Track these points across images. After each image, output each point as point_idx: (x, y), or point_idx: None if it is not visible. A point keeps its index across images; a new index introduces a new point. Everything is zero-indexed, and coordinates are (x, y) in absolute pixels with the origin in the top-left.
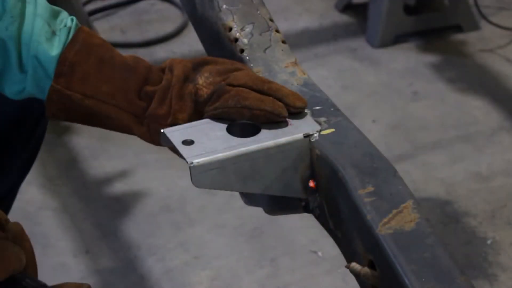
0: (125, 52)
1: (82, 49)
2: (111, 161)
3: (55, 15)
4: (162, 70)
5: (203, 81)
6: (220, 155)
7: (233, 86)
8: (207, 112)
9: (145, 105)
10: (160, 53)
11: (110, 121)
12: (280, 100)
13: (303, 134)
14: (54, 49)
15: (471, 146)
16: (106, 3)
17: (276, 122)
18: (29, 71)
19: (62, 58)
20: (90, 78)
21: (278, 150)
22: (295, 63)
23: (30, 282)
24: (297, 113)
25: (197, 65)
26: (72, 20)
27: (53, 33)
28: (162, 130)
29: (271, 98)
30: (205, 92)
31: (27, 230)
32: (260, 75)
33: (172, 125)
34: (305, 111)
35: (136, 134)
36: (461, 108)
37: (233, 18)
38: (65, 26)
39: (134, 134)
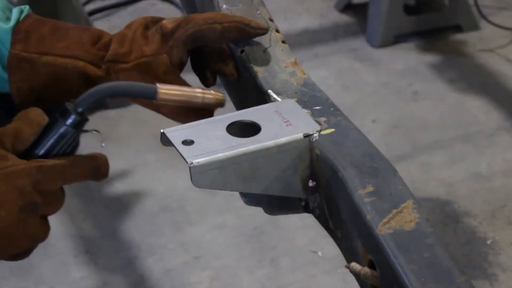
0: None
1: (36, 22)
2: (111, 161)
3: (11, 8)
4: None
5: (166, 20)
6: (220, 155)
7: None
8: (177, 37)
9: (103, 53)
10: None
11: (69, 75)
12: (245, 29)
13: (303, 134)
14: (9, 24)
15: (471, 146)
16: (106, 3)
17: (249, 37)
18: None
19: (16, 28)
20: (45, 40)
21: (278, 150)
22: (295, 63)
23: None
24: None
25: (154, 17)
26: (25, 7)
27: (7, 18)
28: (162, 130)
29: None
30: (170, 25)
31: None
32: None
33: (137, 59)
34: (305, 111)
35: (95, 81)
36: (461, 108)
37: None
38: (20, 9)
39: (92, 82)
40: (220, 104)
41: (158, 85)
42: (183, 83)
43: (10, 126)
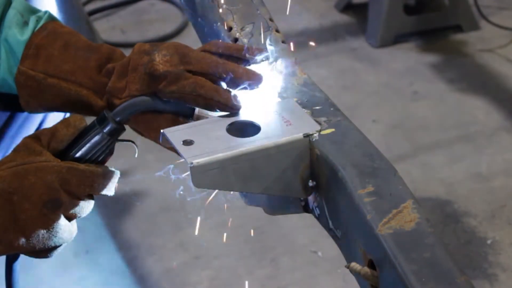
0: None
1: (50, 35)
2: (111, 161)
3: (32, 10)
4: None
5: (160, 58)
6: (220, 155)
7: (191, 72)
8: (163, 92)
9: (106, 81)
10: None
11: (73, 101)
12: (236, 79)
13: (303, 134)
14: (24, 35)
15: (471, 146)
16: (106, 3)
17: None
18: (1, 55)
19: (29, 42)
20: (53, 59)
21: (278, 150)
22: (295, 63)
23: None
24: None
25: (156, 45)
26: (45, 12)
27: (25, 23)
28: (162, 131)
29: (226, 90)
30: (161, 68)
31: None
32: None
33: (129, 97)
34: (305, 111)
35: (96, 110)
36: (461, 108)
37: (233, 18)
38: (38, 17)
39: (94, 110)
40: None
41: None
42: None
43: (51, 127)
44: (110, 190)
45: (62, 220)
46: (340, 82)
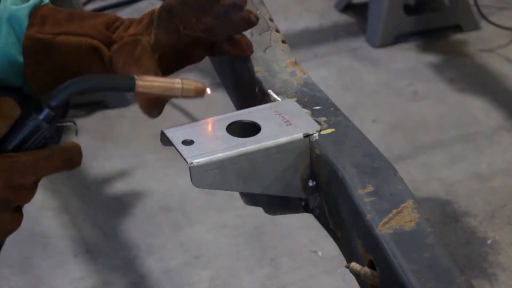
0: None
1: (53, 8)
2: (111, 161)
3: None
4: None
5: (165, 3)
6: (220, 155)
7: None
8: (152, 13)
9: (114, 36)
10: None
11: (83, 57)
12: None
13: (303, 134)
14: (27, 9)
15: (471, 146)
16: (106, 3)
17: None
18: (2, 30)
19: (33, 13)
20: (60, 23)
21: (278, 150)
22: (295, 63)
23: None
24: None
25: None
26: None
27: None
28: (162, 130)
29: None
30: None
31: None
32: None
33: (121, 40)
34: (305, 111)
35: (106, 61)
36: (461, 108)
37: None
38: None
39: (104, 62)
40: (201, 94)
41: (136, 76)
42: (155, 68)
43: None
44: (70, 164)
45: (11, 214)
46: (340, 82)
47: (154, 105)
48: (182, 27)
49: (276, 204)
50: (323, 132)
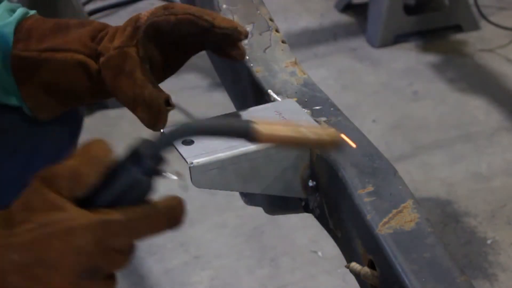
0: None
1: (39, 20)
2: None
3: (14, 10)
4: None
5: (146, 11)
6: (220, 155)
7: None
8: (140, 29)
9: (99, 47)
10: None
11: (70, 68)
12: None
13: None
14: (12, 25)
15: (471, 146)
16: (106, 3)
17: (205, 31)
18: None
19: (19, 27)
20: (46, 38)
21: (278, 150)
22: (295, 63)
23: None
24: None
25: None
26: (31, 11)
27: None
28: (162, 130)
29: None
30: (144, 16)
31: None
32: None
33: (113, 52)
34: (305, 111)
35: (94, 75)
36: (461, 108)
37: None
38: (25, 10)
39: (92, 76)
40: (336, 144)
41: (255, 124)
42: (150, 79)
43: (68, 164)
44: (173, 224)
45: (102, 283)
46: (340, 82)
47: (158, 116)
48: (170, 42)
49: (276, 204)
50: None
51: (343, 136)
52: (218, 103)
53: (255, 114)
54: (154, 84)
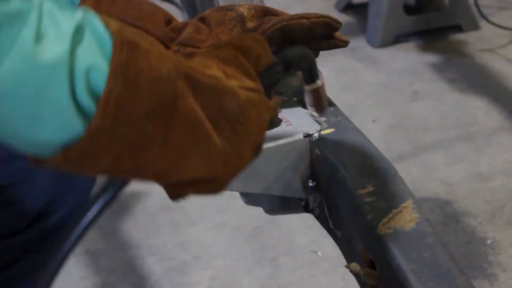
0: None
1: None
2: None
3: None
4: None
5: (247, 12)
6: None
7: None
8: (263, 32)
9: (174, 36)
10: None
11: None
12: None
13: (303, 134)
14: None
15: (471, 146)
16: None
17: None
18: None
19: None
20: (117, 3)
21: (278, 150)
22: None
23: None
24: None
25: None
26: None
27: None
28: None
29: None
30: (251, 23)
31: None
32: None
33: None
34: (305, 111)
35: None
36: (461, 108)
37: None
38: None
39: None
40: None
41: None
42: None
43: (252, 46)
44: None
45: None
46: (340, 82)
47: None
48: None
49: (276, 204)
50: (323, 132)
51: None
52: None
53: None
54: None
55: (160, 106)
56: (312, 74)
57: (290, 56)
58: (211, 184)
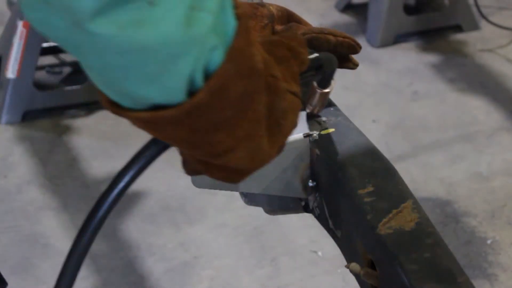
0: None
1: None
2: (111, 161)
3: None
4: None
5: (275, 12)
6: None
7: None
8: (291, 33)
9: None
10: None
11: None
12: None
13: (303, 134)
14: None
15: (471, 146)
16: None
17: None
18: None
19: None
20: None
21: None
22: None
23: None
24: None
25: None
26: None
27: None
28: None
29: None
30: (278, 27)
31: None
32: None
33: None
34: (304, 112)
35: None
36: (461, 108)
37: None
38: None
39: None
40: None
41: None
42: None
43: (300, 50)
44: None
45: None
46: (340, 82)
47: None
48: None
49: (276, 204)
50: (323, 132)
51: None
52: None
53: None
54: None
55: (246, 95)
56: (329, 80)
57: (323, 62)
58: (237, 175)
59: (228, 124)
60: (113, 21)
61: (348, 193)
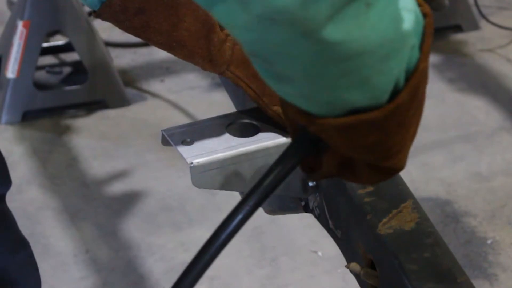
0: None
1: None
2: (111, 161)
3: None
4: None
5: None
6: (220, 155)
7: None
8: None
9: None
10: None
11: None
12: None
13: None
14: None
15: (471, 146)
16: None
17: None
18: None
19: None
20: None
21: (278, 150)
22: None
23: None
24: None
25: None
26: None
27: None
28: (161, 130)
29: None
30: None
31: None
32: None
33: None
34: None
35: (216, 45)
36: (461, 108)
37: None
38: None
39: (213, 47)
40: None
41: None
42: None
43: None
44: None
45: None
46: None
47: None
48: None
49: (276, 204)
50: None
51: None
52: (218, 103)
53: (254, 114)
54: None
55: (424, 92)
56: None
57: None
58: (390, 175)
59: (409, 123)
60: (342, 27)
61: (348, 193)
